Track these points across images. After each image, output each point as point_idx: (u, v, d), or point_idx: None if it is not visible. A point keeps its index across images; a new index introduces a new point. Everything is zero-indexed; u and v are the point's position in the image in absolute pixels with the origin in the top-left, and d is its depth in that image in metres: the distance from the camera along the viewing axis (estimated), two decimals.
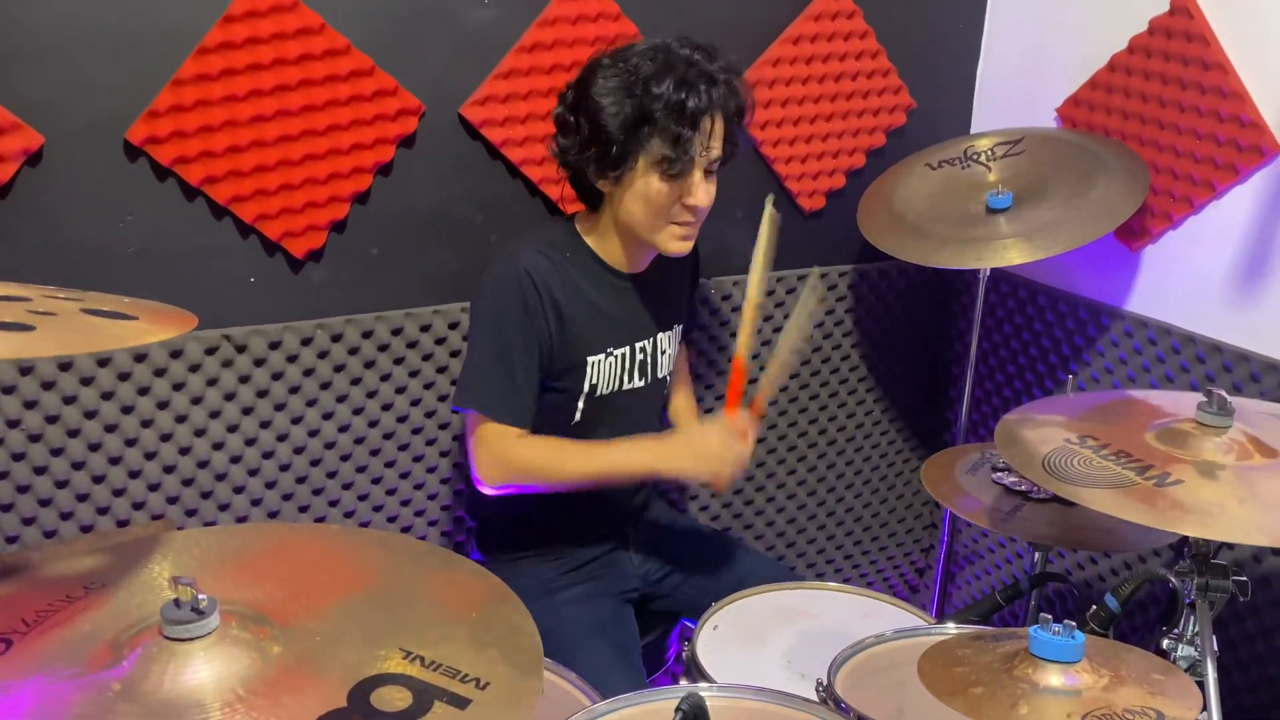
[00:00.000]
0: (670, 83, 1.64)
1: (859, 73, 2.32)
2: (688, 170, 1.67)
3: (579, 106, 1.70)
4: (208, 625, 0.91)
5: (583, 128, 1.69)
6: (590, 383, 1.79)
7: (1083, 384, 2.28)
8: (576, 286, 1.76)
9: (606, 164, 1.68)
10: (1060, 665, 1.04)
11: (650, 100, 1.63)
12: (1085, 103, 2.21)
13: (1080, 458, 1.33)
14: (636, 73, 1.66)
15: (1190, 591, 1.36)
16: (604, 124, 1.65)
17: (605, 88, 1.67)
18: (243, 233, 1.86)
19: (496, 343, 1.71)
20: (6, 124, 1.64)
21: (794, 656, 1.68)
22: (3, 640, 0.91)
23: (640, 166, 1.67)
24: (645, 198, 1.70)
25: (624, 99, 1.65)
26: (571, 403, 1.79)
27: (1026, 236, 1.98)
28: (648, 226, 1.73)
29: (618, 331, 1.81)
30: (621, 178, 1.69)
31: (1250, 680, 1.99)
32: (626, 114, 1.64)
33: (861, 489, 2.64)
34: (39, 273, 1.72)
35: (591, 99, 1.67)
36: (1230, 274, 1.99)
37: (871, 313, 2.52)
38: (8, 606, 0.97)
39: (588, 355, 1.77)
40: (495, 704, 0.93)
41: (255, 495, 1.98)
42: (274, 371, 1.93)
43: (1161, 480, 1.26)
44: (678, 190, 1.69)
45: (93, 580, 1.03)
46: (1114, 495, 1.23)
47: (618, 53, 1.71)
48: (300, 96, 1.82)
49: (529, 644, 1.03)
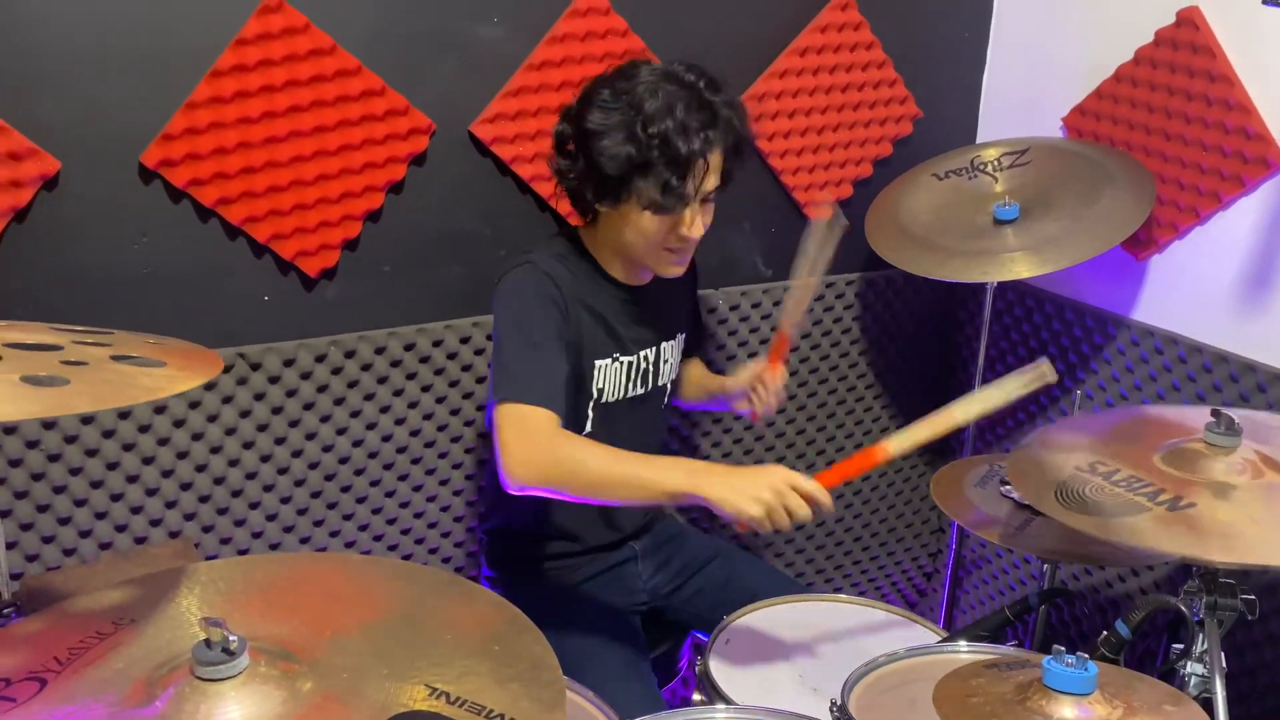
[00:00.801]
0: (669, 124, 1.61)
1: (865, 83, 2.33)
2: (680, 209, 1.67)
3: (578, 136, 1.69)
4: (238, 666, 0.93)
5: (578, 159, 1.69)
6: (597, 387, 1.80)
7: (1090, 392, 2.30)
8: (585, 294, 1.77)
9: (603, 192, 1.69)
10: (1073, 697, 1.06)
11: (647, 144, 1.62)
12: (1091, 113, 2.22)
13: (1092, 485, 1.34)
14: (637, 109, 1.63)
15: (1199, 610, 1.38)
16: (600, 163, 1.65)
17: (604, 124, 1.65)
18: (256, 252, 1.88)
19: (528, 335, 1.68)
20: (23, 150, 1.66)
21: (806, 671, 1.70)
22: (38, 679, 0.93)
23: (634, 202, 1.67)
24: (639, 229, 1.70)
25: (622, 140, 1.63)
26: (581, 410, 1.80)
27: (1034, 249, 1.99)
28: (641, 253, 1.74)
29: (622, 341, 1.82)
30: (618, 205, 1.70)
31: (1257, 687, 2.01)
32: (622, 156, 1.63)
33: (870, 495, 2.66)
34: (57, 295, 1.74)
35: (590, 133, 1.66)
36: (1237, 285, 2.00)
37: (879, 320, 2.54)
38: (41, 643, 0.99)
39: (596, 360, 1.78)
40: None
41: (270, 511, 2.00)
42: (288, 388, 1.95)
43: (1174, 504, 1.28)
44: (670, 223, 1.69)
45: (122, 615, 1.05)
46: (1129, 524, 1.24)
47: (620, 79, 1.68)
48: (312, 117, 1.83)
49: (551, 678, 1.05)
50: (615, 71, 1.72)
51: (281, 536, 2.02)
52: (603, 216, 1.76)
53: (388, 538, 2.12)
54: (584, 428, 1.81)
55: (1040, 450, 1.52)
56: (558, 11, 1.97)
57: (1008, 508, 1.82)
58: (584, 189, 1.71)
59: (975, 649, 1.49)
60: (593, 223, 1.79)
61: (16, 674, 0.93)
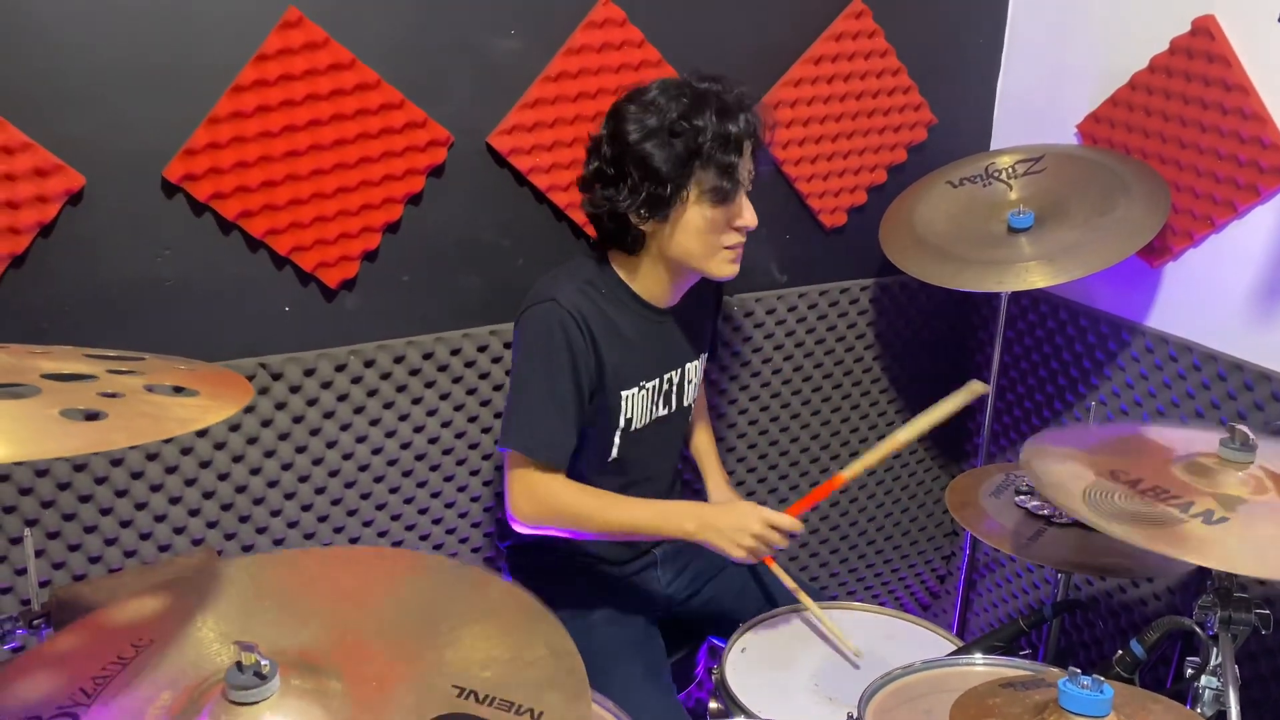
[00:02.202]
0: (709, 114, 1.69)
1: (880, 90, 2.34)
2: (736, 195, 1.73)
3: (620, 157, 1.72)
4: (271, 689, 0.95)
5: (630, 176, 1.71)
6: (625, 417, 1.83)
7: (1103, 398, 2.31)
8: (613, 323, 1.79)
9: (657, 205, 1.71)
10: (1089, 719, 1.07)
11: (695, 135, 1.68)
12: (1106, 120, 2.22)
13: (1120, 494, 1.35)
14: (669, 111, 1.70)
15: (1213, 624, 1.39)
16: (655, 167, 1.69)
17: (644, 132, 1.70)
18: (278, 264, 1.90)
19: (543, 382, 1.73)
20: (49, 166, 1.68)
21: (821, 680, 1.72)
22: (69, 715, 0.95)
23: (690, 199, 1.72)
24: (697, 229, 1.74)
25: (668, 139, 1.69)
26: (608, 438, 1.83)
27: (1049, 259, 2.00)
28: (701, 255, 1.77)
29: (649, 365, 1.84)
30: (669, 215, 1.72)
31: (1271, 697, 2.02)
32: (676, 153, 1.68)
33: (884, 499, 2.68)
34: (83, 308, 1.77)
35: (634, 148, 1.70)
36: (1252, 293, 2.01)
37: (893, 326, 2.55)
38: (64, 674, 1.01)
39: (623, 390, 1.81)
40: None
41: (292, 518, 2.03)
42: (309, 397, 1.98)
43: (1208, 518, 1.29)
44: (726, 215, 1.74)
45: (139, 638, 1.07)
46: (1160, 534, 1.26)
47: (637, 98, 1.74)
48: (332, 131, 1.85)
49: (572, 665, 1.07)
50: (628, 97, 1.77)
51: (303, 544, 2.05)
52: (649, 238, 1.78)
53: (407, 544, 2.15)
54: (609, 454, 1.84)
55: (1057, 454, 1.53)
56: (574, 23, 1.98)
57: (1022, 517, 1.83)
58: (633, 209, 1.73)
59: (990, 662, 1.51)
60: (632, 252, 1.80)
61: (46, 709, 0.95)
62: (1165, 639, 1.41)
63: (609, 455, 1.84)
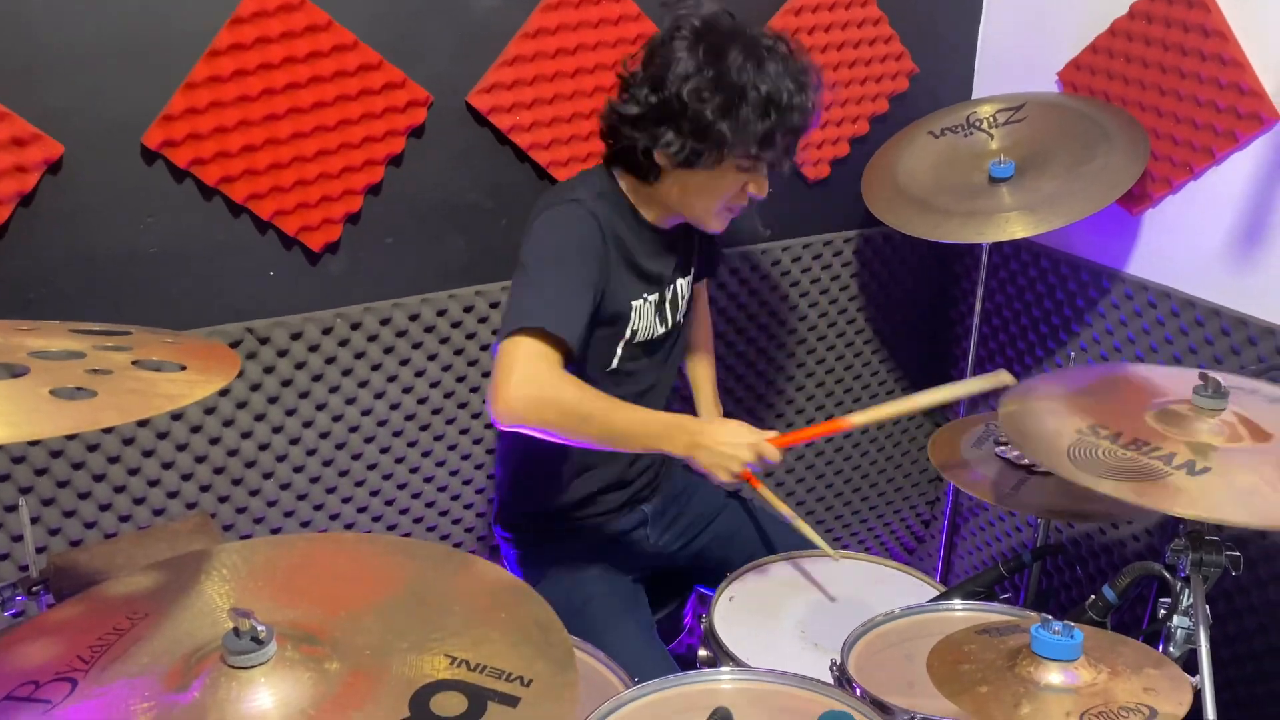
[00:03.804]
0: (788, 92, 1.64)
1: (861, 40, 2.33)
2: (786, 170, 1.72)
3: (670, 106, 1.64)
4: (267, 653, 0.98)
5: (678, 125, 1.64)
6: (632, 328, 1.80)
7: (1084, 345, 2.33)
8: (625, 235, 1.76)
9: (693, 158, 1.66)
10: (1060, 663, 1.11)
11: (778, 118, 1.64)
12: (1086, 67, 2.22)
13: (1102, 449, 1.36)
14: (748, 80, 1.62)
15: (1185, 567, 1.43)
16: (723, 138, 1.62)
17: (722, 94, 1.62)
18: (260, 229, 1.90)
19: (565, 267, 1.66)
20: (27, 135, 1.67)
21: (807, 627, 1.76)
22: (67, 680, 0.97)
23: (726, 164, 1.67)
24: (714, 190, 1.71)
25: (747, 114, 1.62)
26: (611, 348, 1.80)
27: (1029, 209, 2.01)
28: (704, 209, 1.75)
29: (650, 278, 1.82)
30: (697, 168, 1.68)
31: (1228, 634, 2.08)
32: (752, 130, 1.63)
33: (869, 447, 2.71)
34: (67, 278, 1.77)
35: (707, 115, 1.62)
36: (1229, 239, 2.03)
37: (876, 277, 2.57)
38: (61, 643, 1.03)
39: (633, 300, 1.78)
40: (542, 699, 1.00)
41: (284, 480, 2.05)
42: (297, 361, 1.99)
43: (1191, 469, 1.31)
44: (744, 183, 1.72)
45: (135, 609, 1.09)
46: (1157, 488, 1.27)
47: (691, 38, 1.65)
48: (311, 93, 1.84)
49: (558, 639, 1.10)
50: (691, 33, 1.67)
51: (296, 505, 2.07)
52: (666, 175, 1.72)
53: (398, 503, 2.18)
54: (610, 363, 1.81)
55: (1035, 404, 1.56)
56: None
57: (1001, 467, 1.87)
58: (672, 155, 1.66)
59: (969, 608, 1.55)
60: (642, 179, 1.75)
61: (44, 675, 0.98)
62: (1136, 583, 1.45)
63: (609, 364, 1.81)
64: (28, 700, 0.96)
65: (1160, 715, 1.04)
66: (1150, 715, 1.04)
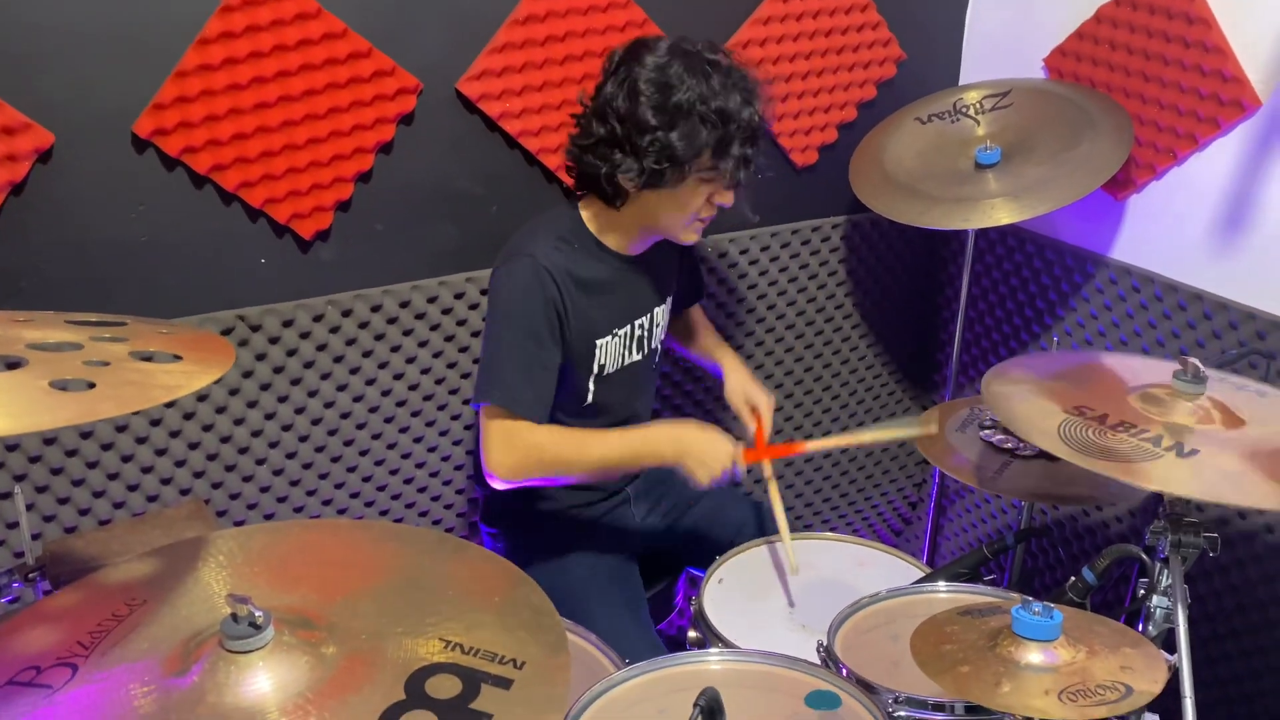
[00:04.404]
0: (736, 99, 1.69)
1: (848, 26, 2.34)
2: (743, 181, 1.76)
3: (632, 131, 1.69)
4: (265, 638, 1.00)
5: (638, 150, 1.69)
6: (599, 364, 1.86)
7: (1069, 329, 2.36)
8: (585, 276, 1.81)
9: (656, 179, 1.71)
10: (1040, 643, 1.14)
11: (726, 125, 1.68)
12: (1072, 54, 2.24)
13: (1094, 429, 1.37)
14: (694, 90, 1.67)
15: (1165, 548, 1.46)
16: (674, 152, 1.67)
17: (665, 113, 1.67)
18: (251, 217, 1.91)
19: (518, 338, 1.74)
20: (17, 124, 1.68)
21: (796, 608, 1.79)
22: (68, 665, 0.99)
23: (689, 180, 1.72)
24: (683, 204, 1.76)
25: (698, 129, 1.67)
26: (583, 384, 1.87)
27: (1014, 195, 2.03)
28: (675, 224, 1.80)
29: (620, 313, 1.88)
30: (661, 188, 1.73)
31: (1207, 611, 2.12)
32: (700, 142, 1.67)
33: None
34: (59, 266, 1.78)
35: (650, 126, 1.67)
36: (1211, 225, 2.05)
37: (865, 263, 2.59)
38: (61, 629, 1.05)
39: (597, 339, 1.84)
40: (534, 682, 1.02)
41: (277, 466, 2.06)
42: (289, 348, 2.00)
43: (1180, 450, 1.33)
44: (711, 192, 1.76)
45: (133, 596, 1.11)
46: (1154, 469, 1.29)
47: (651, 67, 1.69)
48: (301, 81, 1.85)
49: (551, 623, 1.12)
50: (635, 55, 1.72)
51: (289, 491, 2.09)
52: (632, 198, 1.77)
53: (390, 488, 2.19)
54: (585, 400, 1.88)
55: (1013, 387, 1.58)
56: None
57: (987, 451, 1.89)
58: (632, 179, 1.72)
59: (954, 589, 1.58)
60: (609, 204, 1.79)
61: (45, 660, 1.00)
62: (1115, 565, 1.48)
63: (584, 400, 1.88)
64: (30, 685, 0.98)
65: (1135, 692, 1.07)
66: (1126, 693, 1.07)
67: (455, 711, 0.97)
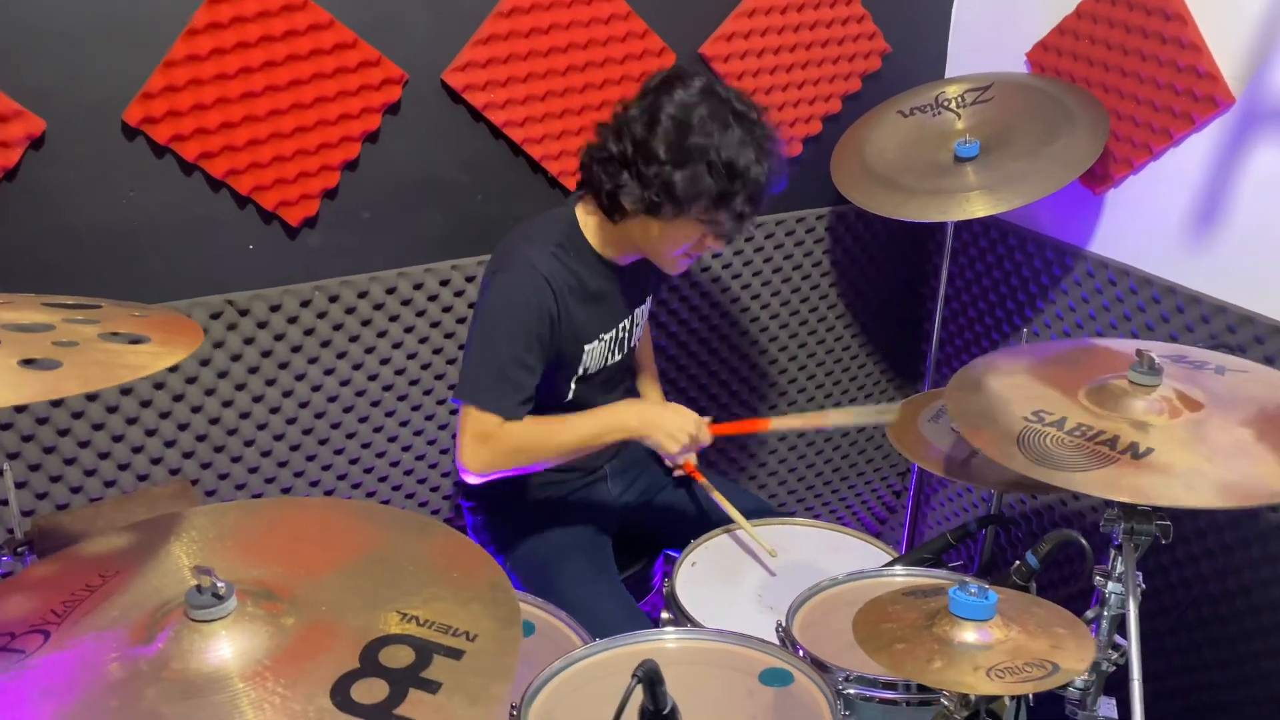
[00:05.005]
0: (747, 161, 1.70)
1: (833, 19, 2.37)
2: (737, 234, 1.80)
3: (645, 162, 1.71)
4: (227, 608, 1.04)
5: (644, 177, 1.72)
6: (584, 366, 1.90)
7: (1048, 321, 2.39)
8: (581, 284, 1.84)
9: (655, 210, 1.74)
10: (975, 622, 1.18)
11: (731, 180, 1.70)
12: (1054, 48, 2.26)
13: (1051, 438, 1.40)
14: (711, 143, 1.69)
15: (1118, 535, 1.49)
16: (675, 191, 1.70)
17: (679, 154, 1.70)
18: (240, 204, 1.96)
19: (506, 344, 1.76)
20: (9, 111, 1.72)
21: (764, 591, 1.83)
22: (40, 632, 1.04)
23: (688, 219, 1.75)
24: (675, 240, 1.79)
25: (703, 175, 1.70)
26: (565, 384, 1.91)
27: (990, 189, 2.06)
28: (664, 255, 1.84)
29: (608, 318, 1.91)
30: (659, 218, 1.76)
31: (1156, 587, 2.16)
32: (702, 190, 1.70)
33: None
34: (50, 251, 1.83)
35: (662, 164, 1.70)
36: (1184, 219, 2.08)
37: (849, 253, 2.62)
38: (37, 598, 1.10)
39: (585, 344, 1.88)
40: (485, 653, 1.07)
41: (265, 448, 2.11)
42: (276, 332, 2.05)
43: (1136, 452, 1.36)
44: (703, 233, 1.79)
45: (106, 568, 1.15)
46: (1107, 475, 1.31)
47: (681, 102, 1.71)
48: (288, 71, 1.89)
49: (505, 597, 1.16)
50: (666, 86, 1.75)
51: (276, 471, 2.14)
52: (630, 218, 1.79)
53: (377, 470, 2.24)
54: (565, 398, 1.92)
55: (978, 389, 1.61)
56: None
57: (957, 442, 1.92)
58: (633, 202, 1.75)
59: (909, 573, 1.61)
60: (617, 220, 1.82)
61: (19, 627, 1.04)
62: (1056, 549, 1.51)
63: (564, 398, 1.92)
64: (4, 650, 1.03)
65: (1061, 670, 1.11)
66: (1052, 670, 1.10)
67: (406, 680, 1.01)
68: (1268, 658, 2.02)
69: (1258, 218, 1.95)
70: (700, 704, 1.33)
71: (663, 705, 1.05)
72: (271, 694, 0.99)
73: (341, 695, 0.99)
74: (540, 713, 1.35)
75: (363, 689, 1.00)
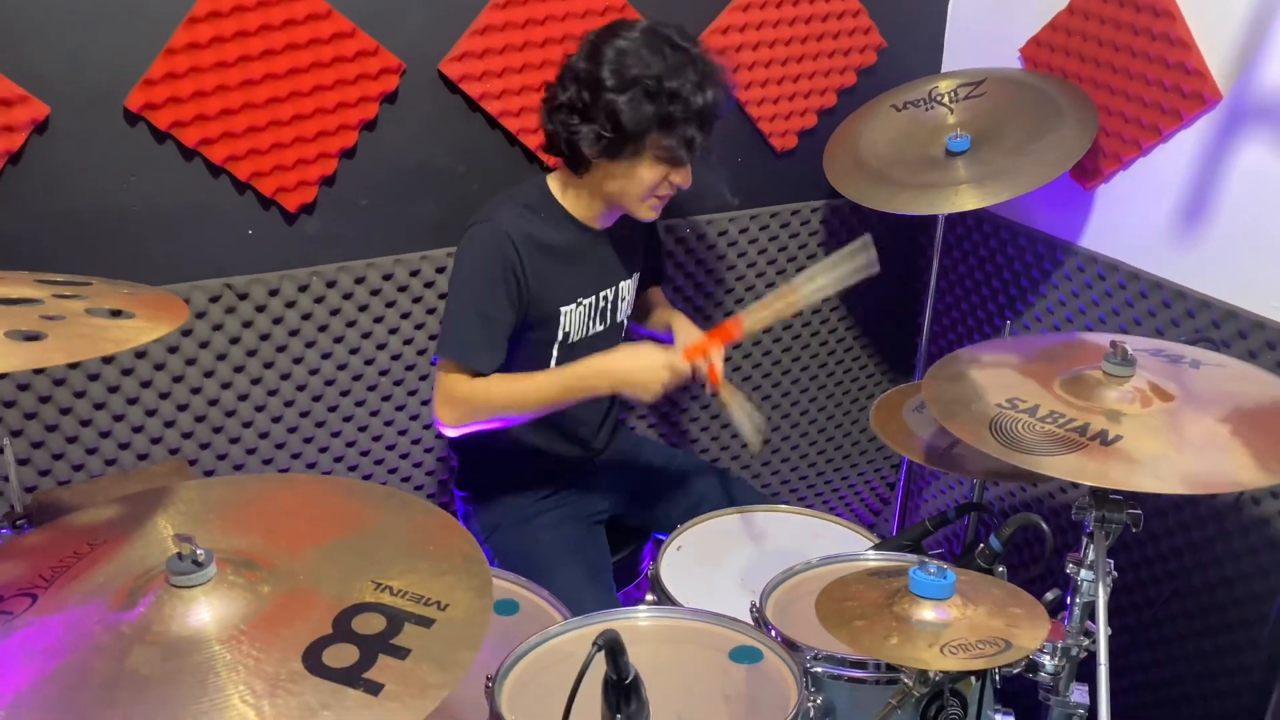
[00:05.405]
0: (687, 81, 1.75)
1: (829, 14, 2.39)
2: (689, 161, 1.82)
3: (590, 98, 1.77)
4: (207, 574, 1.08)
5: (595, 118, 1.77)
6: (564, 331, 1.94)
7: (1039, 315, 2.41)
8: (550, 243, 1.88)
9: (612, 150, 1.79)
10: (933, 601, 1.21)
11: (669, 100, 1.75)
12: (1046, 44, 2.28)
13: (1022, 423, 1.42)
14: (649, 67, 1.74)
15: (1089, 522, 1.52)
16: (621, 121, 1.75)
17: (619, 82, 1.75)
18: (239, 189, 2.00)
19: (472, 297, 1.84)
20: (14, 96, 1.77)
21: (747, 575, 1.86)
22: (29, 595, 1.08)
23: (645, 153, 1.80)
24: (639, 179, 1.83)
25: (642, 98, 1.75)
26: (547, 351, 1.94)
27: (978, 182, 2.08)
28: (633, 199, 1.87)
29: (586, 282, 1.95)
30: (620, 159, 1.81)
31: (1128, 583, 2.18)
32: (646, 113, 1.75)
33: (834, 411, 2.80)
34: (53, 234, 1.87)
35: (605, 96, 1.75)
36: (1172, 215, 2.09)
37: (842, 246, 2.62)
38: (26, 564, 1.14)
39: (561, 306, 1.91)
40: (455, 622, 1.10)
41: (262, 429, 2.16)
42: (274, 316, 2.09)
43: (1105, 439, 1.38)
44: (669, 173, 1.83)
45: (95, 537, 1.19)
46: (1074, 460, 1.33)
47: (618, 41, 1.77)
48: (286, 60, 1.93)
49: (479, 569, 1.20)
50: (609, 28, 1.81)
51: (274, 453, 2.18)
52: (595, 167, 1.85)
53: (373, 453, 2.29)
54: (548, 366, 1.95)
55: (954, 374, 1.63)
56: None
57: (939, 431, 1.95)
58: (589, 145, 1.80)
59: (881, 557, 1.64)
60: (575, 172, 1.88)
61: (8, 590, 1.09)
62: (1018, 532, 1.54)
63: (547, 367, 1.94)
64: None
65: (1014, 647, 1.13)
66: (1005, 647, 1.13)
67: (376, 645, 1.05)
68: (1249, 650, 2.04)
69: (1243, 214, 1.97)
70: (672, 678, 1.37)
71: (625, 674, 1.09)
72: (246, 656, 1.02)
73: (313, 659, 1.03)
74: (514, 685, 1.39)
75: (334, 654, 1.03)
